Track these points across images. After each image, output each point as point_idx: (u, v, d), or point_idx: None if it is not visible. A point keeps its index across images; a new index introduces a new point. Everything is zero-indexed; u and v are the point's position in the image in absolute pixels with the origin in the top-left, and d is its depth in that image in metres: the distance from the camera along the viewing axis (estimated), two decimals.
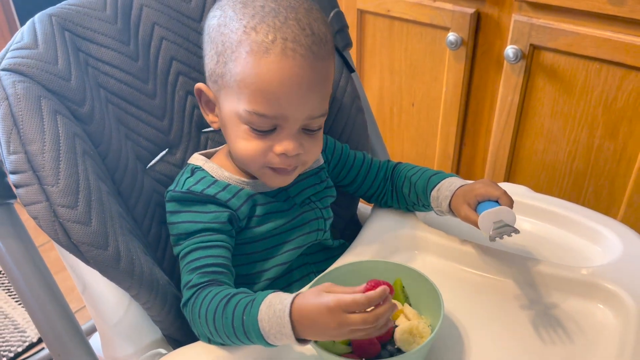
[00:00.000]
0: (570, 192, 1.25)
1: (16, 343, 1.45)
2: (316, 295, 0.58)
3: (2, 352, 1.42)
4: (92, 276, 0.69)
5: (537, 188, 1.27)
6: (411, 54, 1.34)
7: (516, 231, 0.68)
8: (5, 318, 1.53)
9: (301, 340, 0.60)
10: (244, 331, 0.62)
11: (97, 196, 0.64)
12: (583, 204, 0.89)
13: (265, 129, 0.69)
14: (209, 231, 0.72)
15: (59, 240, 0.61)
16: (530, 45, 1.14)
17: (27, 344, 1.45)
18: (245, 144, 0.71)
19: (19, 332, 1.49)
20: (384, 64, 1.41)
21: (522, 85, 1.19)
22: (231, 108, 0.70)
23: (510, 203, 0.70)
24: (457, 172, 1.44)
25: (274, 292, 0.63)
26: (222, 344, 0.67)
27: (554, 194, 1.25)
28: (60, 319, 0.66)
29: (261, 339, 0.61)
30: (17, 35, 0.69)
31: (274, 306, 0.60)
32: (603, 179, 1.18)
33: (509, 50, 1.16)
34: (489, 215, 0.69)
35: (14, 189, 0.62)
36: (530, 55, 1.16)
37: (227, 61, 0.68)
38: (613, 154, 1.15)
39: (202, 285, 0.68)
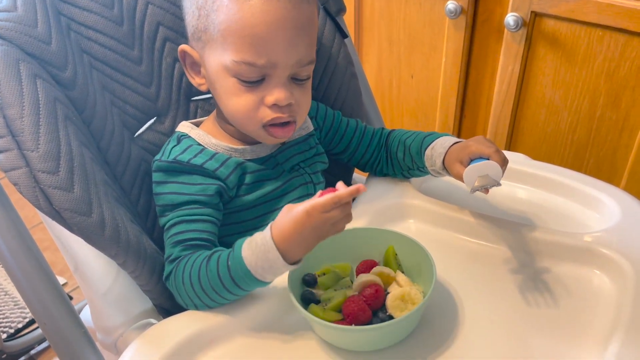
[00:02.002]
0: (571, 163, 1.23)
1: (16, 319, 1.46)
2: (288, 211, 0.60)
3: (2, 329, 1.43)
4: (79, 245, 0.68)
5: (538, 159, 1.23)
6: (410, 24, 1.31)
7: (497, 184, 0.67)
8: (5, 295, 1.53)
9: (288, 262, 0.61)
10: (231, 277, 0.62)
11: (80, 162, 0.62)
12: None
13: (254, 79, 0.68)
14: (195, 204, 0.71)
15: (40, 207, 0.59)
16: (532, 12, 1.11)
17: (27, 320, 1.46)
18: (236, 100, 0.69)
19: (19, 308, 1.49)
20: (382, 34, 1.38)
21: (522, 54, 1.16)
22: (218, 62, 0.68)
23: (502, 160, 0.69)
24: None
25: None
26: (209, 308, 0.67)
27: (555, 165, 1.23)
28: (44, 286, 0.64)
29: (250, 277, 0.61)
30: None
31: (255, 240, 0.61)
32: (605, 149, 1.16)
33: (510, 17, 1.13)
34: (474, 169, 0.68)
35: None
36: (532, 23, 1.13)
37: (209, 12, 0.66)
38: (615, 123, 1.12)
39: (183, 258, 0.68)
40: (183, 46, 0.73)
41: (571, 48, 1.11)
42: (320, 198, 0.58)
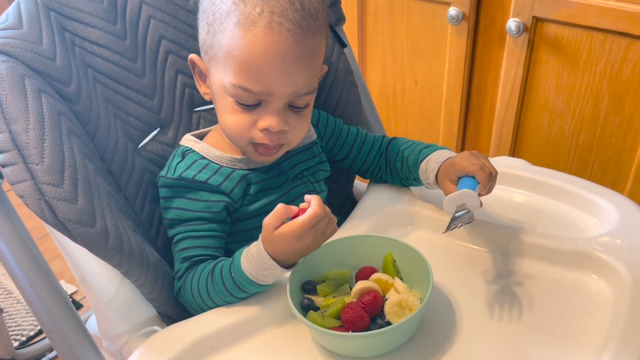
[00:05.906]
0: (576, 167, 1.22)
1: (28, 327, 1.48)
2: (273, 231, 0.64)
3: (14, 336, 1.45)
4: (83, 254, 0.70)
5: (543, 163, 1.25)
6: (412, 32, 1.32)
7: (471, 219, 0.67)
8: (17, 303, 1.56)
9: (285, 267, 0.66)
10: (237, 286, 0.67)
11: (84, 174, 0.64)
12: (589, 179, 0.88)
13: (250, 104, 0.69)
14: (201, 220, 0.74)
15: (46, 218, 0.61)
16: (533, 17, 1.12)
17: (39, 327, 1.47)
18: (231, 117, 0.71)
19: (30, 316, 1.51)
20: (385, 42, 1.39)
21: (525, 59, 1.17)
22: (219, 80, 0.70)
23: (486, 178, 0.69)
24: (462, 149, 1.42)
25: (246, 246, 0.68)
26: None
27: (560, 169, 1.22)
28: (49, 295, 0.66)
29: (254, 284, 0.67)
30: (2, 16, 0.68)
31: (251, 253, 0.66)
32: (609, 152, 1.16)
33: (511, 23, 1.13)
34: (450, 200, 0.68)
35: (0, 168, 0.62)
36: (533, 28, 1.13)
37: (216, 32, 0.68)
38: (619, 126, 1.12)
39: (188, 274, 0.72)
40: (193, 55, 0.75)
41: (573, 52, 1.11)
42: (304, 217, 0.63)
